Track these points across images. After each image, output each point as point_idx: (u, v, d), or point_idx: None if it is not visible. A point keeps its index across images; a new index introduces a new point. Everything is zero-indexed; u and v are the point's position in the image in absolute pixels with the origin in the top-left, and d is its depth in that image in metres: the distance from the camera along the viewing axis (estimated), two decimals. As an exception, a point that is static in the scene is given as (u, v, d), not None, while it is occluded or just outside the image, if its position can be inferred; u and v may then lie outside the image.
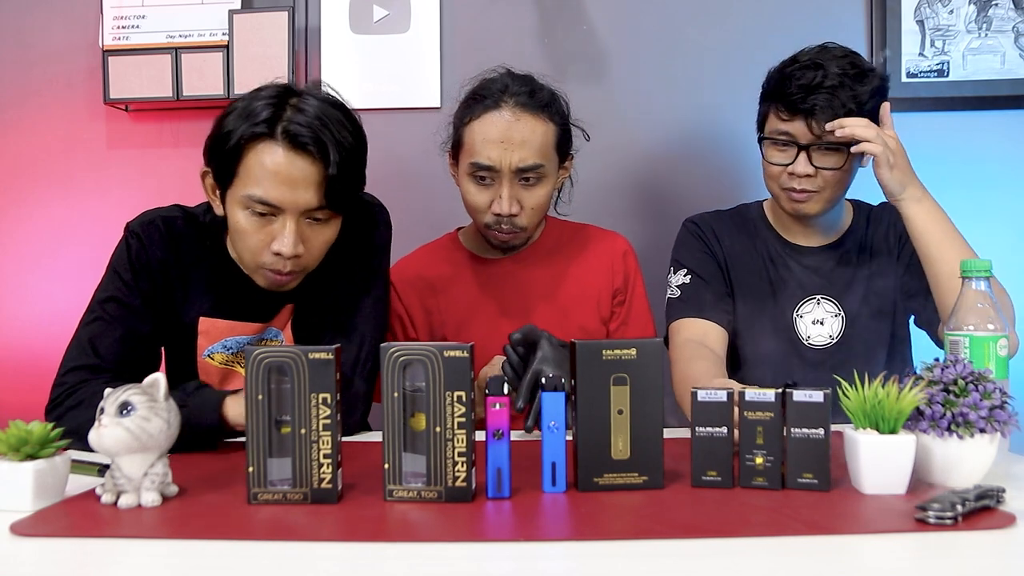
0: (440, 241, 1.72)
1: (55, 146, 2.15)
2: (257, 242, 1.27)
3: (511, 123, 1.47)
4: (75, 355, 1.30)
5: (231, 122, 1.25)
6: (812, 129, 1.43)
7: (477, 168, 1.49)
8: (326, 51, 2.08)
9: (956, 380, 0.97)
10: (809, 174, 1.46)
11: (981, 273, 1.11)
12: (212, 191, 1.33)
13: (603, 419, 0.97)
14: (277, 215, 1.26)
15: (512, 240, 1.57)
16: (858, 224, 1.61)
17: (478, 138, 1.49)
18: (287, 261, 1.27)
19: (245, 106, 1.26)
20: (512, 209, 1.50)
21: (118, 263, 1.35)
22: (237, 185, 1.26)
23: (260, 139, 1.23)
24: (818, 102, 1.41)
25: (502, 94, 1.50)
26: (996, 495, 0.89)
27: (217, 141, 1.27)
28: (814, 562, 0.78)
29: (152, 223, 1.37)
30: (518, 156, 1.47)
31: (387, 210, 1.48)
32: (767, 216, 1.65)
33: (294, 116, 1.24)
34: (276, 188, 1.23)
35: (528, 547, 0.81)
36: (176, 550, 0.81)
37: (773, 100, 1.49)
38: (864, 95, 1.42)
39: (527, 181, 1.51)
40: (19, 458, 0.92)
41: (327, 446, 0.94)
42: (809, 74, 1.43)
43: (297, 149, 1.23)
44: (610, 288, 1.63)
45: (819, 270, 1.58)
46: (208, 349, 1.40)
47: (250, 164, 1.24)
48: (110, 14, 2.09)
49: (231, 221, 1.29)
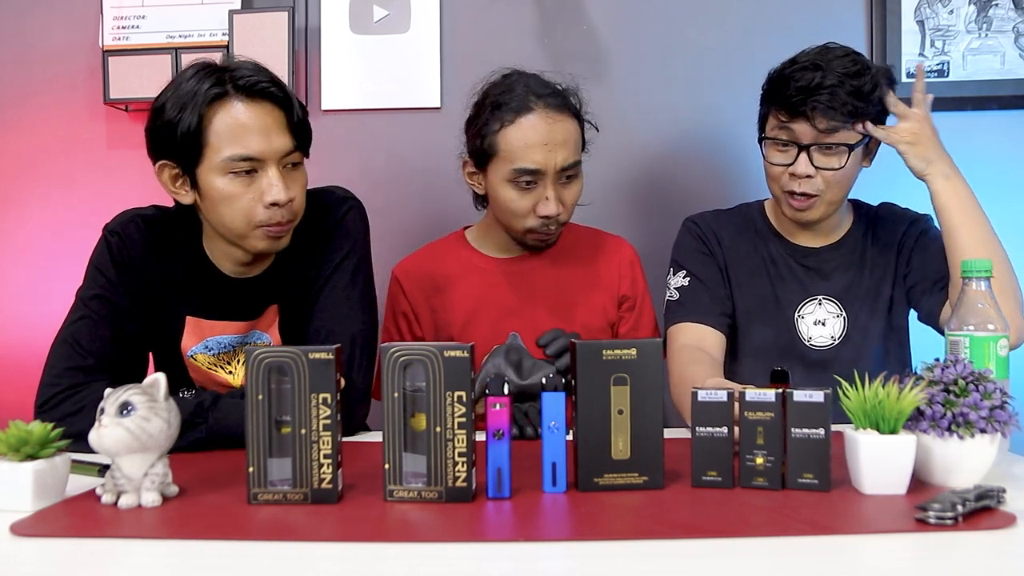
0: (447, 239, 1.71)
1: (55, 146, 2.15)
2: (247, 202, 1.27)
3: (550, 125, 1.49)
4: (65, 355, 1.28)
5: (171, 109, 1.26)
6: (813, 128, 1.43)
7: (522, 173, 1.49)
8: (326, 51, 2.08)
9: (956, 380, 0.97)
10: (810, 175, 1.46)
11: (981, 273, 1.11)
12: (173, 183, 1.31)
13: (603, 419, 0.97)
14: (259, 169, 1.27)
15: (552, 239, 1.60)
16: (859, 224, 1.61)
17: (518, 144, 1.49)
18: (282, 210, 1.28)
19: (176, 91, 1.27)
20: (559, 209, 1.52)
21: (100, 262, 1.34)
22: (209, 155, 1.26)
23: (218, 100, 1.25)
24: (818, 103, 1.41)
25: (528, 96, 1.50)
26: (996, 495, 0.89)
27: (166, 128, 1.26)
28: (814, 562, 0.78)
29: (131, 221, 1.36)
30: (562, 156, 1.50)
31: (361, 202, 1.46)
32: (768, 216, 1.64)
33: (237, 73, 1.27)
34: (252, 140, 1.25)
35: (528, 547, 0.81)
36: (176, 550, 0.81)
37: (773, 102, 1.49)
38: (865, 93, 1.42)
39: (567, 180, 1.53)
40: (19, 458, 0.92)
41: (327, 446, 0.94)
42: (808, 75, 1.42)
43: (256, 98, 1.27)
44: (616, 293, 1.64)
45: (820, 271, 1.58)
46: (191, 350, 1.39)
47: (218, 128, 1.25)
48: (110, 14, 2.09)
49: (212, 195, 1.28)
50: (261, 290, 1.40)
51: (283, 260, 1.39)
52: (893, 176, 1.53)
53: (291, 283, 1.39)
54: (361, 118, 2.08)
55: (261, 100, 1.27)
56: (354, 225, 1.43)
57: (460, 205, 1.77)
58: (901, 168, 1.47)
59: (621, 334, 1.64)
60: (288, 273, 1.40)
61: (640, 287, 1.66)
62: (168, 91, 1.29)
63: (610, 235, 1.72)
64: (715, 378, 1.26)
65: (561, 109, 1.52)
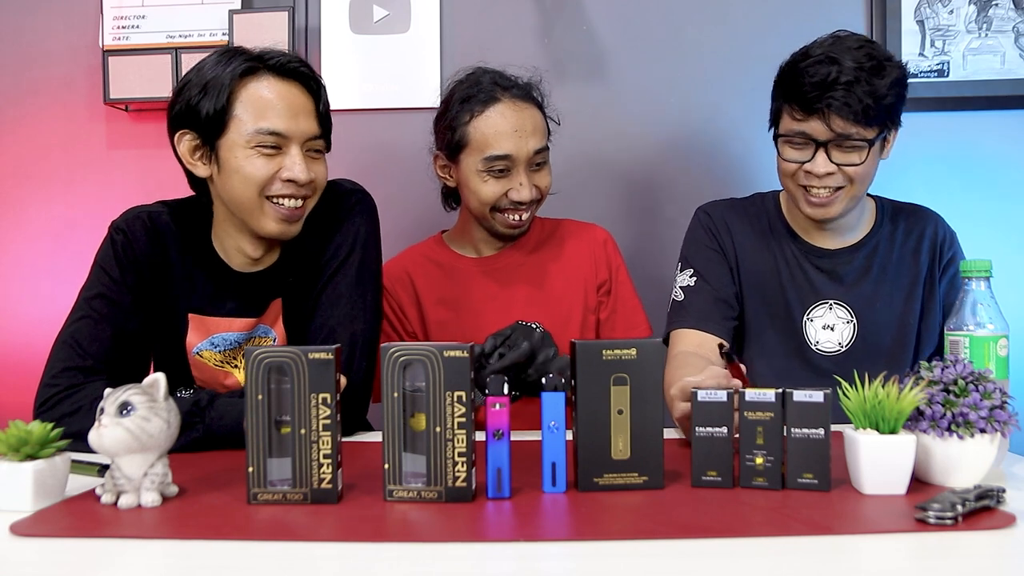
0: (425, 243, 1.75)
1: (55, 146, 2.15)
2: (266, 173, 1.28)
3: (517, 113, 1.55)
4: (64, 355, 1.28)
5: (197, 84, 1.28)
6: (830, 127, 1.37)
7: (494, 160, 1.53)
8: (326, 51, 2.08)
9: (956, 380, 0.97)
10: (830, 172, 1.40)
11: (981, 273, 1.11)
12: (191, 154, 1.32)
13: (603, 419, 0.97)
14: (282, 147, 1.29)
15: (524, 226, 1.61)
16: (881, 225, 1.54)
17: (488, 132, 1.53)
18: (300, 188, 1.30)
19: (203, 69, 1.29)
20: (533, 194, 1.56)
21: (104, 260, 1.34)
22: (236, 127, 1.27)
23: (249, 75, 1.28)
24: (833, 99, 1.34)
25: (494, 88, 1.55)
26: (996, 495, 0.89)
27: (191, 100, 1.28)
28: (814, 562, 0.78)
29: (137, 218, 1.37)
30: (532, 143, 1.55)
31: (371, 197, 1.46)
32: (783, 211, 1.58)
33: (268, 54, 1.30)
34: (280, 117, 1.28)
35: (528, 547, 0.81)
36: (176, 550, 0.81)
37: (786, 98, 1.42)
38: (882, 89, 1.35)
39: (537, 167, 1.58)
40: (19, 458, 0.92)
41: (327, 446, 0.94)
42: (823, 70, 1.35)
43: (287, 78, 1.30)
44: (595, 279, 1.66)
45: (833, 273, 1.52)
46: (197, 347, 1.39)
47: (246, 101, 1.27)
48: (110, 14, 2.09)
49: (230, 165, 1.29)
50: (268, 284, 1.39)
51: (290, 253, 1.39)
52: (895, 176, 1.53)
53: (297, 276, 1.39)
54: (361, 118, 2.08)
55: (292, 80, 1.30)
56: (362, 218, 1.42)
57: (460, 205, 1.77)
58: (896, 167, 1.46)
59: (601, 319, 1.65)
60: (294, 266, 1.39)
61: (615, 268, 1.67)
62: (192, 71, 1.31)
63: (583, 223, 1.73)
64: (711, 367, 1.24)
65: (526, 99, 1.57)
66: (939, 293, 1.52)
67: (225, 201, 1.33)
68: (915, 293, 1.52)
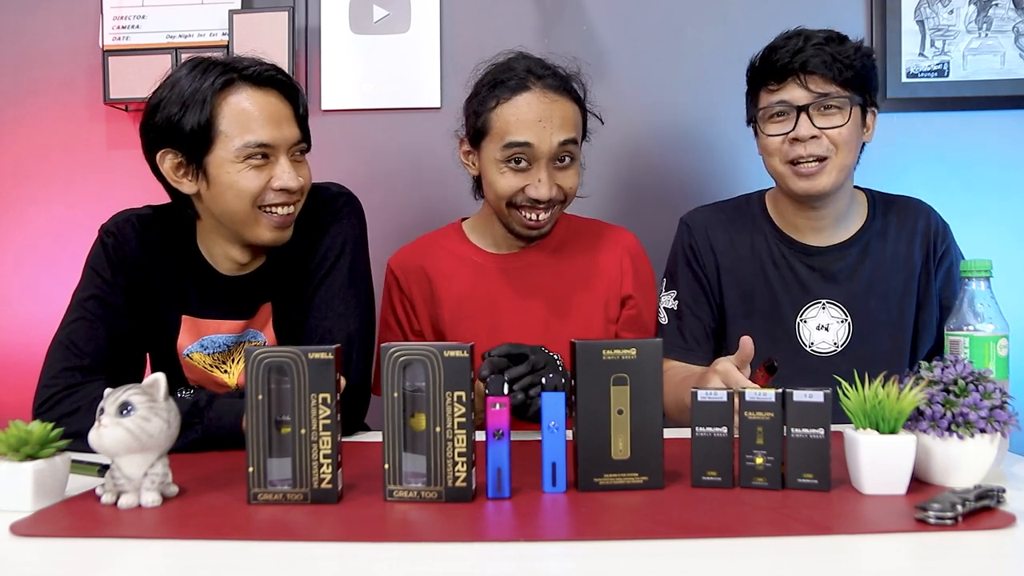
0: (443, 231, 1.67)
1: (55, 146, 2.15)
2: (259, 185, 1.28)
3: (546, 104, 1.45)
4: (61, 356, 1.28)
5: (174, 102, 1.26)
6: (807, 87, 1.41)
7: (513, 146, 1.45)
8: (326, 51, 2.08)
9: (956, 380, 0.97)
10: (814, 135, 1.41)
11: (981, 273, 1.11)
12: (175, 172, 1.30)
13: (603, 419, 0.97)
14: (270, 156, 1.28)
15: (543, 227, 1.52)
16: (873, 220, 1.53)
17: (512, 119, 1.45)
18: (291, 195, 1.30)
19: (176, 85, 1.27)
20: (554, 193, 1.47)
21: (96, 262, 1.35)
22: (223, 143, 1.26)
23: (227, 88, 1.26)
24: (808, 58, 1.41)
25: (528, 76, 1.47)
26: (996, 495, 0.89)
27: (170, 120, 1.26)
28: (814, 562, 0.78)
29: (127, 221, 1.37)
30: (557, 136, 1.45)
31: (357, 199, 1.46)
32: (769, 211, 1.57)
33: (240, 63, 1.29)
34: (265, 128, 1.27)
35: (528, 547, 0.81)
36: (176, 550, 0.81)
37: (761, 79, 1.47)
38: (850, 51, 1.42)
39: (561, 162, 1.48)
40: (19, 458, 0.92)
41: (327, 446, 0.94)
42: (792, 41, 1.44)
43: (264, 86, 1.29)
44: (619, 290, 1.58)
45: (825, 271, 1.51)
46: (187, 349, 1.39)
47: (229, 116, 1.26)
48: (110, 14, 2.09)
49: (222, 181, 1.27)
50: (256, 288, 1.39)
51: (277, 257, 1.39)
52: (896, 176, 1.53)
53: (285, 280, 1.39)
54: (361, 118, 2.08)
55: (269, 88, 1.30)
56: (349, 221, 1.42)
57: (460, 205, 1.77)
58: (896, 167, 1.46)
59: (620, 336, 1.58)
60: (282, 270, 1.39)
61: (644, 282, 1.60)
62: (165, 87, 1.29)
63: (611, 225, 1.66)
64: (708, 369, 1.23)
65: (559, 91, 1.47)
66: (935, 287, 1.52)
67: (216, 214, 1.32)
68: (910, 288, 1.51)
